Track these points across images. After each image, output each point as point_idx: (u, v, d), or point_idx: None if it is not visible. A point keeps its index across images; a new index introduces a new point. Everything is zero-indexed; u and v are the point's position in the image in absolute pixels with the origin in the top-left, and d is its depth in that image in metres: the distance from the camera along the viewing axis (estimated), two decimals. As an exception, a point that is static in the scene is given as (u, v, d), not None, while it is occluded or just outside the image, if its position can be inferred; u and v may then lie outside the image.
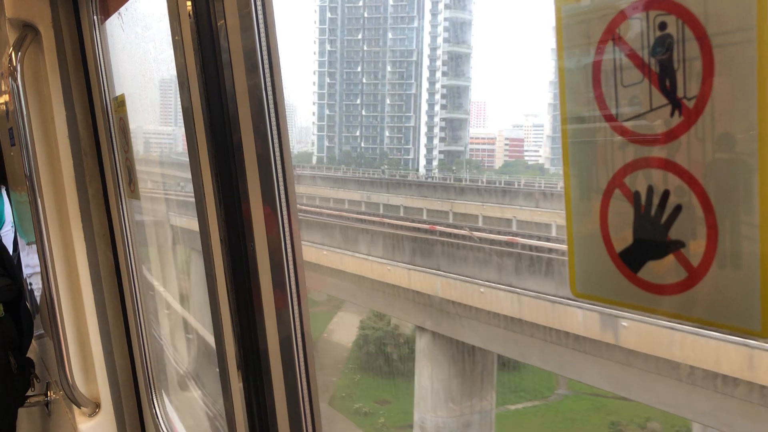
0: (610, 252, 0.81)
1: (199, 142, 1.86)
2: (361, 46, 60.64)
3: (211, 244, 1.94)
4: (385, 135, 60.67)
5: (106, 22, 2.68)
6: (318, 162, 59.77)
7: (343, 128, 61.79)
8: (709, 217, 0.70)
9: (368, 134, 61.30)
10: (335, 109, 62.19)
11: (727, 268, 0.69)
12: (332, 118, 62.16)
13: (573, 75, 0.82)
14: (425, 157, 58.74)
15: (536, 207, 26.24)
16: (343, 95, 62.23)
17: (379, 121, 60.88)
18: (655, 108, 0.73)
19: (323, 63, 62.34)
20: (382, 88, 60.98)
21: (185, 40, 1.80)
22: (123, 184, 2.81)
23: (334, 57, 61.97)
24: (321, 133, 62.11)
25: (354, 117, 61.85)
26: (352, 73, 61.77)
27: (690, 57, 0.69)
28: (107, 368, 3.04)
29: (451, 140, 58.09)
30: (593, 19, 0.78)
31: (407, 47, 59.20)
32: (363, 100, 61.25)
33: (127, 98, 2.66)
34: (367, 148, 60.98)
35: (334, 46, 60.92)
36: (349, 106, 61.96)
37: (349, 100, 62.05)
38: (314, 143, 62.62)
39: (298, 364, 1.84)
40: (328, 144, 62.01)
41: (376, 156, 60.19)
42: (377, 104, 61.24)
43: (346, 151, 60.02)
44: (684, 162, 0.71)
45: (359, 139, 61.65)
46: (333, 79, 62.08)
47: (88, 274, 2.94)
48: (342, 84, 62.22)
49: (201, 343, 4.67)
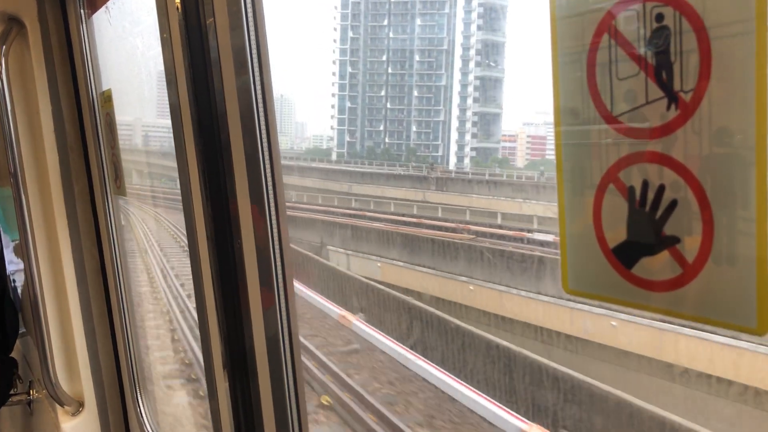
0: (603, 248, 0.80)
1: (187, 139, 1.84)
2: (386, 34, 55.78)
3: (197, 242, 1.93)
4: (412, 130, 55.78)
5: (93, 16, 2.65)
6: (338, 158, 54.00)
7: (366, 122, 56.98)
8: (705, 212, 0.69)
9: (393, 129, 56.32)
10: (357, 101, 57.26)
11: (723, 265, 0.68)
12: (354, 111, 57.24)
13: (567, 67, 0.81)
14: (456, 154, 54.24)
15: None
16: (366, 86, 57.29)
17: (405, 115, 56.05)
18: (651, 101, 0.72)
19: (345, 51, 57.12)
20: (410, 80, 56.24)
21: (173, 37, 1.78)
22: (109, 180, 2.78)
23: (357, 45, 56.93)
24: (341, 127, 57.19)
25: (378, 110, 56.89)
26: (376, 63, 56.78)
27: (687, 49, 0.68)
28: (91, 366, 3.01)
29: (484, 136, 54.23)
30: (589, 11, 0.77)
31: (437, 35, 54.65)
32: (388, 92, 56.39)
33: (114, 93, 2.63)
34: (392, 144, 56.04)
35: (357, 33, 55.82)
36: (372, 98, 57.13)
37: (372, 91, 57.19)
38: (333, 138, 57.73)
39: (285, 363, 1.82)
40: (350, 139, 57.11)
41: (402, 152, 54.95)
42: (404, 96, 56.40)
43: (369, 146, 55.08)
44: (680, 156, 0.70)
45: (383, 134, 56.77)
46: (355, 68, 57.10)
47: (73, 271, 2.91)
48: (365, 74, 57.25)
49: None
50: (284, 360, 1.82)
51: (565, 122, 0.82)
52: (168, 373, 10.30)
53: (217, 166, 1.76)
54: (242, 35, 1.63)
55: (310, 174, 42.79)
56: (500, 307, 15.95)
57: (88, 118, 2.78)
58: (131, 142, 9.66)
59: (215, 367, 2.00)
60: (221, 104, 1.71)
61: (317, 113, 57.00)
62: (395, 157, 53.84)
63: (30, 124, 2.80)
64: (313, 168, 45.29)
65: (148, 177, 12.76)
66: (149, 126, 12.21)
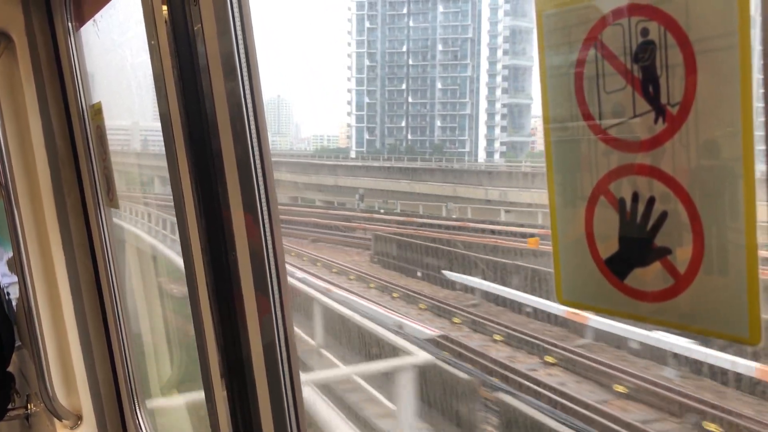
0: (596, 259, 0.80)
1: (178, 148, 1.84)
2: (406, 23, 50.58)
3: (191, 252, 1.92)
4: (437, 125, 51.01)
5: (81, 29, 2.65)
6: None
7: (386, 118, 51.50)
8: (695, 223, 0.69)
9: (416, 124, 51.30)
10: (376, 96, 51.92)
11: (714, 275, 0.69)
12: (373, 106, 51.84)
13: (555, 81, 0.81)
14: (485, 149, 49.54)
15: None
16: (385, 80, 51.91)
17: (428, 109, 51.16)
18: (638, 114, 0.73)
19: (361, 43, 51.58)
20: (432, 71, 51.51)
21: (162, 45, 1.78)
22: (101, 192, 2.77)
23: (374, 36, 51.35)
24: (360, 124, 51.60)
25: (399, 105, 51.53)
26: (396, 54, 51.24)
27: (673, 63, 0.69)
28: (89, 379, 3.00)
29: (514, 129, 49.63)
30: (575, 26, 0.78)
31: (461, 22, 50.00)
32: (409, 85, 51.56)
33: (109, 99, 2.63)
34: (414, 141, 51.00)
35: (375, 23, 50.74)
36: (392, 92, 51.84)
37: (392, 85, 51.88)
38: (351, 136, 51.97)
39: (283, 370, 1.82)
40: (369, 137, 51.74)
41: (425, 149, 49.35)
42: (426, 90, 51.49)
43: (390, 144, 49.88)
44: (669, 168, 0.71)
45: (405, 131, 51.58)
46: (373, 61, 51.75)
47: (67, 283, 2.90)
48: (384, 67, 51.70)
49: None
50: (281, 367, 1.82)
51: (554, 135, 0.83)
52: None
53: (209, 175, 1.76)
54: (230, 41, 1.62)
55: (356, 172, 38.28)
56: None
57: (78, 131, 2.78)
58: (132, 147, 9.56)
59: (213, 376, 2.00)
60: (211, 111, 1.71)
61: (318, 112, 52.64)
62: (419, 155, 48.58)
63: (20, 138, 2.79)
64: (362, 167, 40.41)
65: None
66: (148, 130, 12.10)
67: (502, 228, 25.13)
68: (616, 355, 12.90)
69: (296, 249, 26.68)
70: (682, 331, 0.73)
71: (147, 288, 4.32)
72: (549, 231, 0.82)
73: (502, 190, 31.44)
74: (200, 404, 2.99)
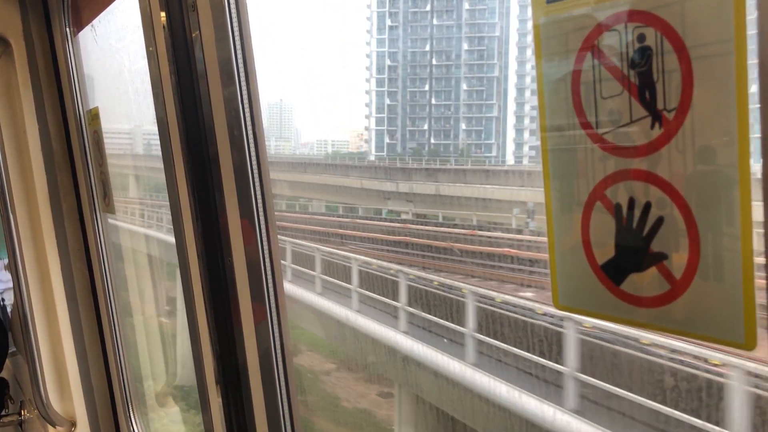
0: (592, 265, 0.80)
1: (175, 154, 1.83)
2: (429, 20, 47.32)
3: (188, 258, 1.92)
4: (461, 128, 47.53)
5: (78, 34, 2.65)
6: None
7: (408, 120, 48.16)
8: (691, 229, 0.70)
9: (439, 127, 47.96)
10: (397, 97, 48.18)
11: (710, 280, 0.69)
12: (394, 108, 48.10)
13: (552, 87, 0.82)
14: (514, 154, 46.39)
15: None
16: (407, 80, 48.20)
17: (453, 112, 47.30)
18: (635, 120, 0.73)
19: (382, 41, 47.79)
20: (457, 72, 47.52)
21: (159, 52, 1.78)
22: (98, 198, 2.77)
23: (396, 34, 47.50)
24: (380, 127, 47.86)
25: (421, 107, 47.86)
26: (418, 54, 47.60)
27: (669, 69, 0.69)
28: (83, 385, 2.98)
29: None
30: (572, 32, 0.78)
31: (488, 20, 46.33)
32: (432, 86, 48.10)
33: (102, 111, 2.63)
34: (437, 145, 47.69)
35: (396, 21, 47.19)
36: (414, 93, 48.08)
37: (414, 86, 48.13)
38: (370, 140, 48.52)
39: (278, 377, 1.82)
40: (389, 140, 48.00)
41: (449, 154, 46.62)
42: (450, 91, 47.74)
43: (412, 148, 46.88)
44: (665, 174, 0.71)
45: (427, 134, 48.08)
46: (394, 61, 48.02)
47: (63, 289, 2.89)
48: (406, 67, 48.07)
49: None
50: (277, 374, 1.82)
51: (551, 140, 0.83)
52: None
53: (206, 181, 1.76)
54: (228, 47, 1.63)
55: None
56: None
57: (75, 137, 2.78)
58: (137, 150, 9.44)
59: (208, 383, 1.99)
60: (209, 117, 1.71)
61: (327, 116, 48.39)
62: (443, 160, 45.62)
63: (17, 143, 2.79)
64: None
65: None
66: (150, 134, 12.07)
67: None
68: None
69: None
70: (679, 336, 0.73)
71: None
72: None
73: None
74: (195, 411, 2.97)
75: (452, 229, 20.80)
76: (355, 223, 23.40)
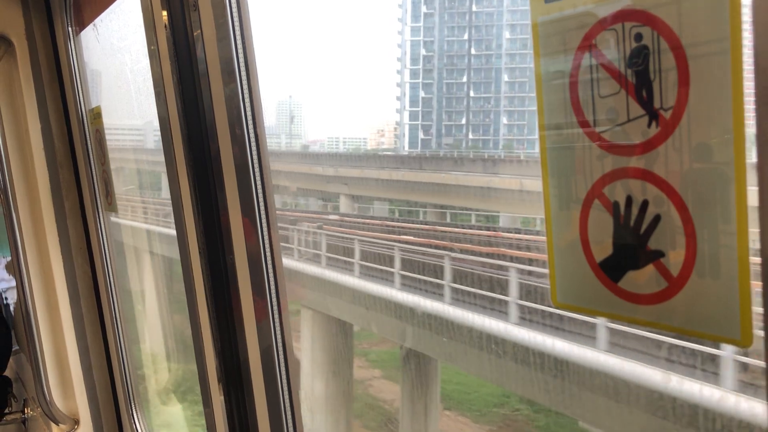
0: (590, 262, 0.81)
1: (177, 152, 1.84)
2: (468, 7, 43.70)
3: (189, 255, 1.93)
4: (502, 122, 43.70)
5: (81, 33, 2.65)
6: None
7: (444, 115, 44.60)
8: (688, 226, 0.70)
9: (478, 122, 44.10)
10: (432, 90, 44.75)
11: (707, 278, 0.70)
12: (428, 102, 44.72)
13: (550, 86, 0.82)
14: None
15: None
16: (443, 72, 44.60)
17: (493, 105, 43.48)
18: (632, 119, 0.74)
19: (417, 30, 44.24)
20: (497, 62, 43.70)
21: (161, 50, 1.79)
22: (100, 196, 2.78)
23: (432, 21, 44.09)
24: (414, 122, 44.49)
25: (459, 100, 44.03)
26: (456, 43, 43.74)
27: (666, 68, 0.70)
28: (86, 383, 2.99)
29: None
30: (569, 31, 0.78)
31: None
32: (470, 78, 44.30)
33: (104, 110, 2.63)
34: (476, 141, 43.99)
35: (432, 7, 43.84)
36: (451, 85, 44.51)
37: (451, 77, 44.52)
38: (403, 136, 45.17)
39: (280, 374, 1.83)
40: (424, 136, 44.54)
41: (488, 150, 42.31)
42: (490, 83, 44.18)
43: (449, 144, 43.64)
44: (662, 172, 0.72)
45: (465, 129, 44.22)
46: (430, 50, 44.56)
47: (65, 288, 2.90)
48: (442, 58, 44.47)
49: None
50: (279, 371, 1.82)
51: (549, 139, 0.83)
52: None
53: (208, 177, 1.77)
54: (229, 46, 1.63)
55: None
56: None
57: (77, 135, 2.78)
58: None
59: (210, 380, 2.00)
60: (210, 115, 1.71)
61: (346, 111, 43.88)
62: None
63: (19, 141, 2.80)
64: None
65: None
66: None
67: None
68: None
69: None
70: (676, 333, 0.73)
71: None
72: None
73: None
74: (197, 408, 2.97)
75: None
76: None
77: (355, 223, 22.18)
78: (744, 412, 7.28)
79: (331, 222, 21.31)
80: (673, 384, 7.87)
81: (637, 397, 8.26)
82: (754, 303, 0.66)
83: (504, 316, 9.91)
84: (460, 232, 17.90)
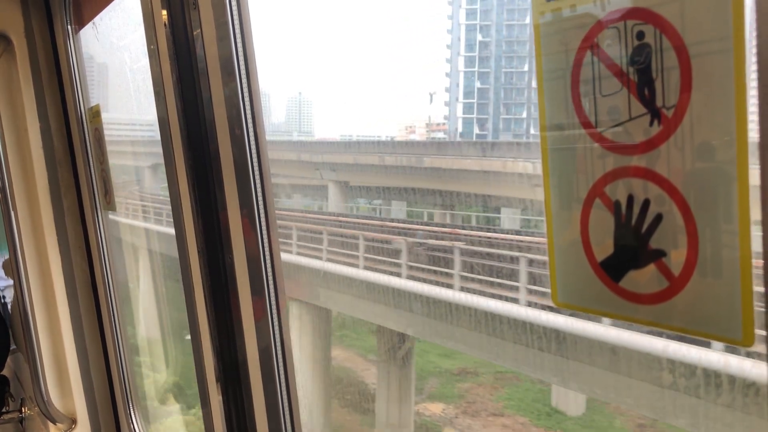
0: (591, 261, 0.81)
1: (176, 151, 1.84)
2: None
3: (188, 255, 1.92)
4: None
5: (80, 31, 2.65)
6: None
7: (502, 107, 42.63)
8: (690, 226, 0.70)
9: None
10: (489, 80, 43.15)
11: (708, 277, 0.69)
12: (484, 93, 42.63)
13: (552, 85, 0.82)
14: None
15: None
16: (501, 59, 43.10)
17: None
18: (634, 117, 0.73)
19: (472, 13, 42.35)
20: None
21: (161, 49, 1.78)
22: (99, 195, 2.77)
23: (489, 4, 41.92)
24: (469, 115, 42.51)
25: (519, 91, 42.36)
26: (516, 27, 42.31)
27: (668, 66, 0.70)
28: (84, 383, 2.99)
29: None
30: (571, 29, 0.78)
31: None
32: (533, 66, 42.26)
33: (103, 107, 2.63)
34: (537, 136, 43.02)
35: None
36: (510, 74, 43.03)
37: (511, 66, 43.20)
38: (455, 131, 43.17)
39: (278, 374, 1.82)
40: (479, 131, 42.71)
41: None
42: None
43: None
44: (664, 171, 0.71)
45: (526, 123, 42.49)
46: (486, 35, 43.18)
47: (64, 287, 2.89)
48: (500, 43, 42.80)
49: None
50: (277, 371, 1.82)
51: (551, 137, 0.83)
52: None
53: (207, 177, 1.76)
54: (229, 45, 1.63)
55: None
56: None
57: (76, 134, 2.78)
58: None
59: (208, 380, 2.00)
60: (209, 114, 1.71)
61: (363, 106, 40.10)
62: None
63: (18, 139, 2.79)
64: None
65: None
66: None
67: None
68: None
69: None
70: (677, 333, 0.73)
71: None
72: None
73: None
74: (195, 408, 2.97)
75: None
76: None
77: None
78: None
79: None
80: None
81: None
82: (755, 303, 0.66)
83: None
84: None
